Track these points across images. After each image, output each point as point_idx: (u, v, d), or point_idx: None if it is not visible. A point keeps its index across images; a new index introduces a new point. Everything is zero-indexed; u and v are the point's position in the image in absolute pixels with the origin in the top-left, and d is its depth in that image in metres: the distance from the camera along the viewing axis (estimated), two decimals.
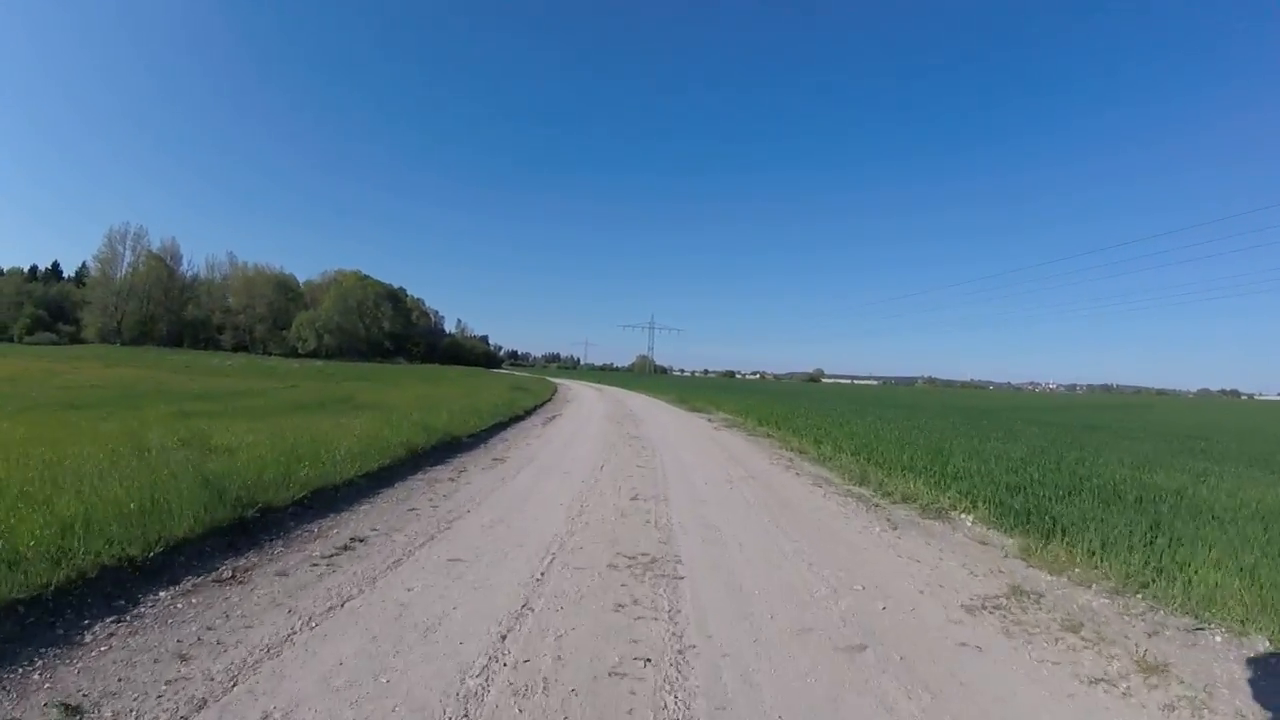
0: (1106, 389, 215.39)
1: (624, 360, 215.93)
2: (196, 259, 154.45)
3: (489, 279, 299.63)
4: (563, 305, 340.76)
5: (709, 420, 22.77)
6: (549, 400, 27.47)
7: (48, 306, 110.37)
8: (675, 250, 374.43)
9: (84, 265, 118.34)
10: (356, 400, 20.91)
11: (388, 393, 26.15)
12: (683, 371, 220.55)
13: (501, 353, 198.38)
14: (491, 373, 73.34)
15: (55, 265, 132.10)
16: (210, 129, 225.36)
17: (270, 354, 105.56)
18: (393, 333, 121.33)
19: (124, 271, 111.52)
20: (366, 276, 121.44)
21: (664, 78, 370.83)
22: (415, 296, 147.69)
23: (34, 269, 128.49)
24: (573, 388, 42.82)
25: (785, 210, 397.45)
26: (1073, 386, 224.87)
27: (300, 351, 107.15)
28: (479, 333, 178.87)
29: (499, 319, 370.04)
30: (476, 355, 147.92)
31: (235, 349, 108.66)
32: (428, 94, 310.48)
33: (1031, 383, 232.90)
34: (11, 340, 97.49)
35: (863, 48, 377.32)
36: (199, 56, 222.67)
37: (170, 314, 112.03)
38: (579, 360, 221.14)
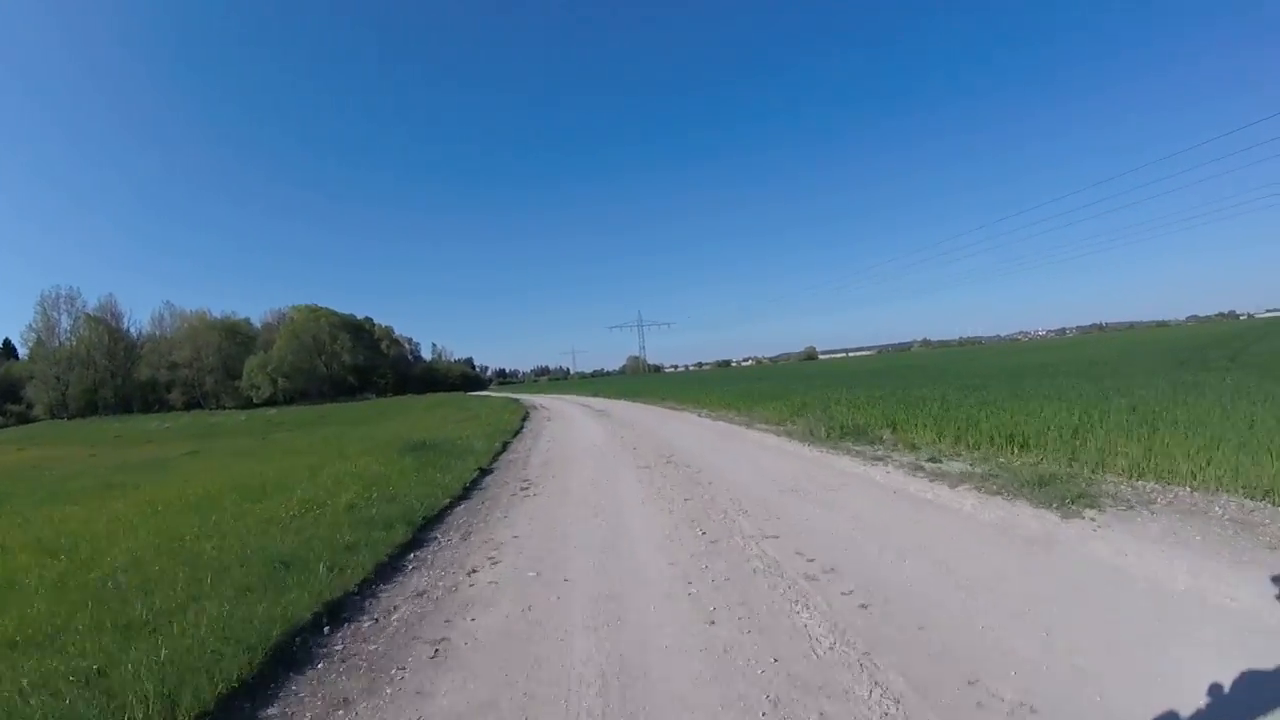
0: (1098, 328, 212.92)
1: (615, 363, 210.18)
2: (139, 316, 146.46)
3: (469, 304, 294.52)
4: (547, 319, 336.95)
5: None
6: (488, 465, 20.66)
7: None
8: (657, 246, 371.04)
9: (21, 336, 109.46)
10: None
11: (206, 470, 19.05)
12: (676, 367, 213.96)
13: (489, 373, 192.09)
14: (456, 399, 65.67)
15: (7, 342, 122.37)
16: (139, 180, 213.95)
17: (224, 407, 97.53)
18: (355, 366, 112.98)
19: (62, 339, 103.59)
20: (318, 308, 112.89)
21: (615, 82, 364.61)
22: (384, 325, 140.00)
23: None
24: (553, 410, 30.30)
25: (764, 192, 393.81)
26: (1062, 330, 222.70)
27: (255, 401, 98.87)
28: (461, 356, 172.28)
29: (485, 341, 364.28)
30: (454, 380, 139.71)
31: (188, 406, 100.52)
32: (361, 128, 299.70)
33: (1021, 332, 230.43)
34: None
35: (821, 22, 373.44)
36: (117, 110, 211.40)
37: (115, 379, 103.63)
38: (569, 370, 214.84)
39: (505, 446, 15.59)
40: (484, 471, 11.94)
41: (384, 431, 24.12)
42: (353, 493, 9.44)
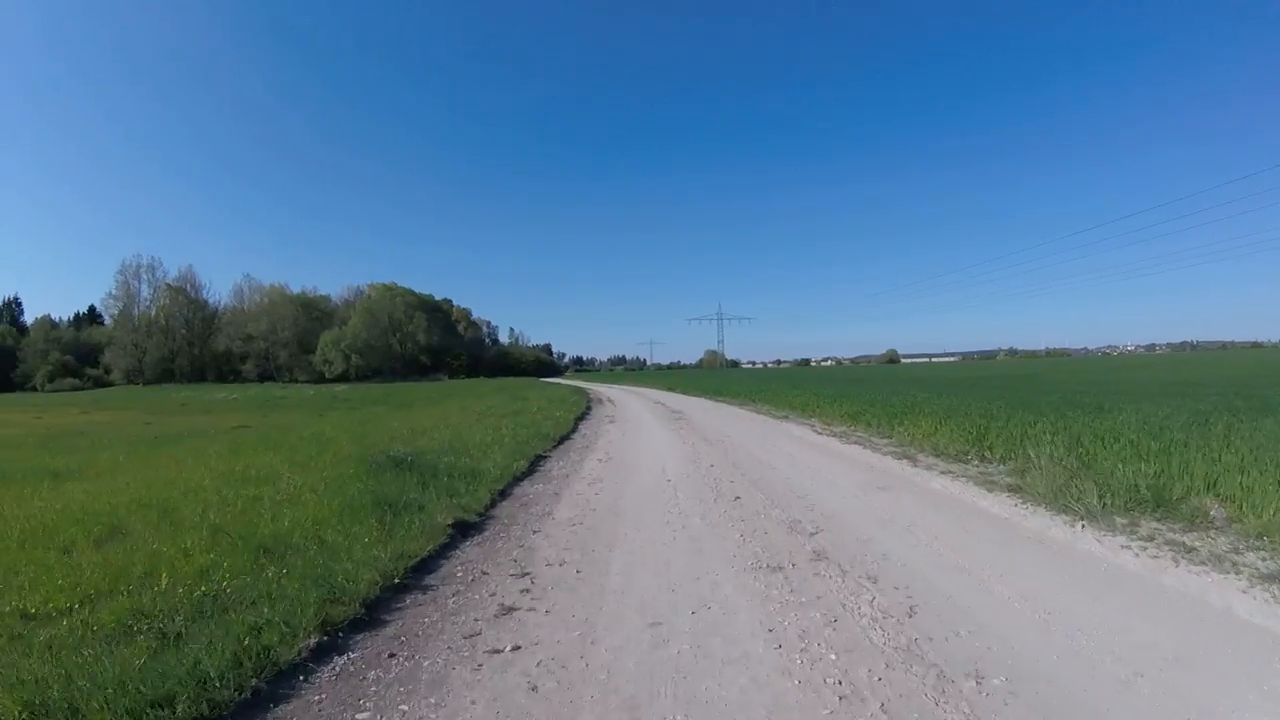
0: (1188, 346, 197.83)
1: (692, 357, 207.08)
2: (220, 288, 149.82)
3: (551, 290, 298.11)
4: (627, 309, 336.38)
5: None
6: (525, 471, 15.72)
7: (76, 352, 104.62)
8: (741, 243, 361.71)
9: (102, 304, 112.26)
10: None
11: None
12: (753, 364, 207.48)
13: (565, 359, 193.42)
14: (520, 385, 61.49)
15: (91, 309, 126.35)
16: (224, 151, 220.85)
17: (297, 380, 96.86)
18: (429, 346, 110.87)
19: (142, 307, 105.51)
20: (395, 287, 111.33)
21: (719, 80, 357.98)
22: (462, 307, 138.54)
23: (77, 315, 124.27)
24: (619, 406, 25.81)
25: (852, 195, 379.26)
26: (1151, 346, 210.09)
27: (327, 376, 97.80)
28: (539, 342, 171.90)
29: (564, 328, 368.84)
30: (527, 364, 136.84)
31: (261, 379, 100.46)
32: (457, 119, 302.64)
33: (1109, 346, 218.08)
34: (35, 389, 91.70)
35: (919, 26, 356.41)
36: (208, 83, 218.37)
37: (192, 348, 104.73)
38: (645, 361, 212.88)
39: (532, 467, 10.36)
40: (464, 532, 6.69)
41: (419, 419, 19.51)
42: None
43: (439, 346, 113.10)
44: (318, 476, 8.94)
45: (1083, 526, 6.05)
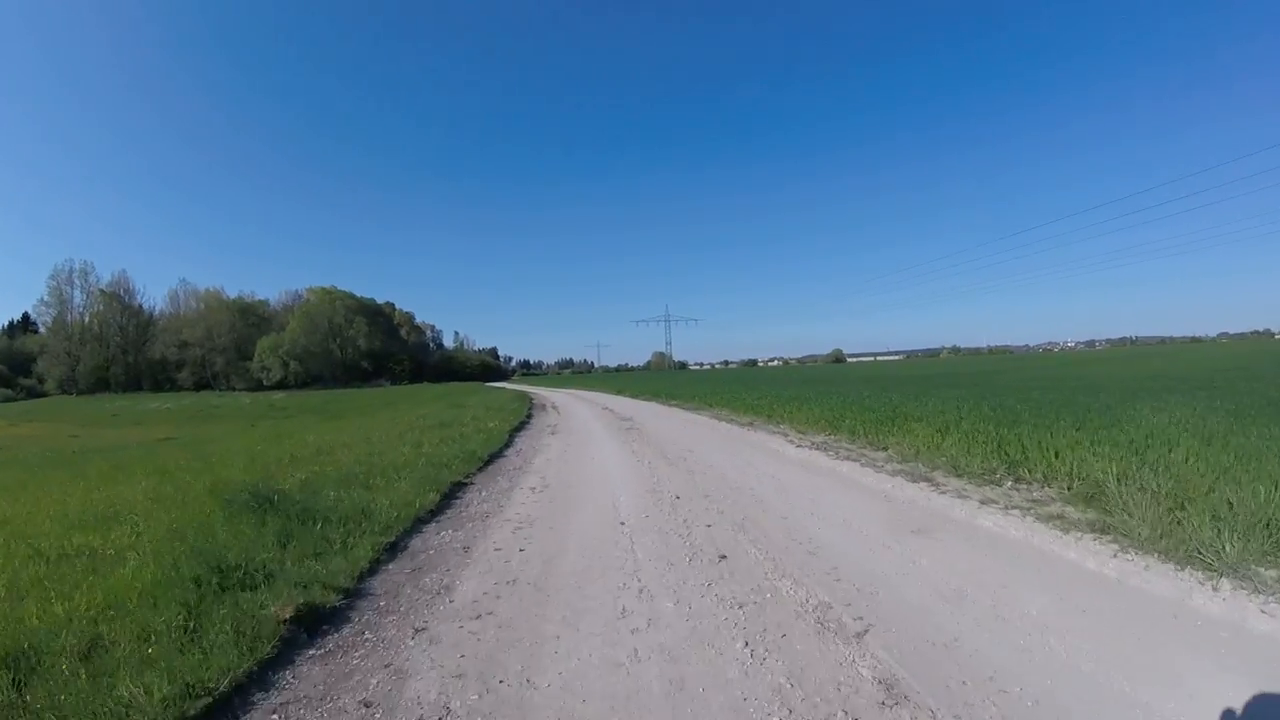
0: (1127, 341, 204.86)
1: (639, 359, 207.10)
2: (155, 294, 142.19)
3: (497, 295, 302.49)
4: (574, 312, 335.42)
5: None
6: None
7: (9, 361, 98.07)
8: (687, 245, 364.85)
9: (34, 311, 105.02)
10: None
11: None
12: (700, 365, 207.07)
13: (512, 363, 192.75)
14: (462, 391, 58.56)
15: (25, 317, 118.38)
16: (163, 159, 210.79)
17: (234, 388, 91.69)
18: (371, 351, 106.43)
19: (75, 314, 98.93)
20: (334, 290, 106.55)
21: (652, 83, 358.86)
22: (405, 311, 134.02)
23: (11, 323, 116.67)
24: (564, 413, 22.56)
25: (794, 196, 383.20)
26: (1091, 342, 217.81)
27: (265, 383, 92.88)
28: (485, 346, 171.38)
29: (512, 333, 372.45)
30: (472, 369, 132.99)
31: (198, 387, 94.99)
32: (390, 118, 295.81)
33: (1049, 343, 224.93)
34: None
35: (854, 39, 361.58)
36: (138, 86, 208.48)
37: (127, 355, 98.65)
38: (592, 364, 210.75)
39: (445, 502, 7.89)
40: (311, 629, 4.27)
41: (340, 432, 16.82)
42: None
43: (381, 352, 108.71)
44: (163, 521, 6.62)
45: (1225, 589, 4.00)
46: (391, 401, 48.03)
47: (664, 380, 58.68)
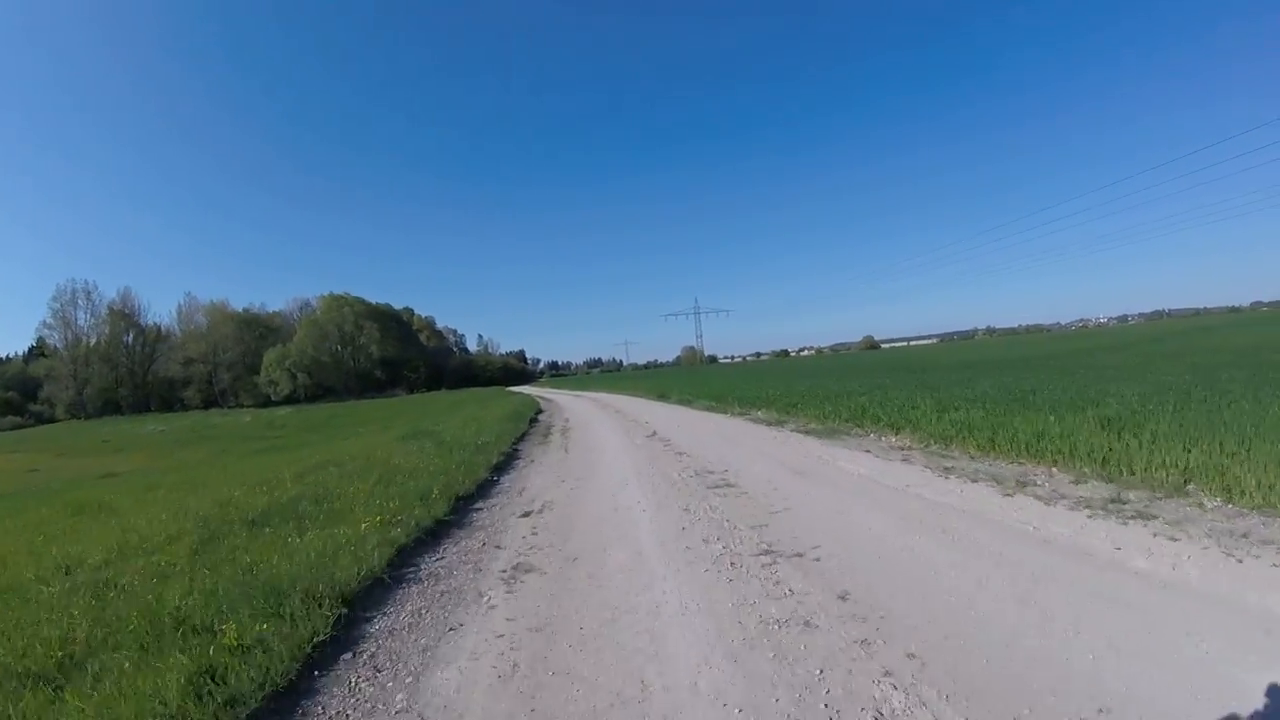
0: (1162, 315, 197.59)
1: (669, 354, 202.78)
2: (160, 309, 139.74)
3: (525, 298, 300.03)
4: (602, 311, 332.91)
5: None
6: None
7: (22, 387, 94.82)
8: (715, 238, 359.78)
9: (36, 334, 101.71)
10: None
11: None
12: (731, 358, 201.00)
13: (540, 365, 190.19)
14: (473, 398, 53.96)
15: (41, 340, 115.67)
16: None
17: (242, 405, 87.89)
18: (385, 359, 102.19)
19: (80, 335, 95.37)
20: (344, 297, 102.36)
21: (692, 79, 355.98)
22: (424, 316, 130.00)
23: (30, 349, 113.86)
24: (573, 424, 18.58)
25: (823, 183, 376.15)
26: (1124, 317, 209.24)
27: (273, 398, 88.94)
28: (512, 349, 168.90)
29: (540, 334, 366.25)
30: (494, 373, 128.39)
31: (205, 405, 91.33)
32: (411, 126, 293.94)
33: (1082, 319, 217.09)
34: None
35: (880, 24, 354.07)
36: (149, 95, 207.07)
37: (134, 376, 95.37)
38: (621, 362, 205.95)
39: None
40: None
41: (294, 465, 11.87)
42: None
43: (395, 359, 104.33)
44: None
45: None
46: (395, 415, 43.59)
47: (696, 377, 52.52)
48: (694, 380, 40.73)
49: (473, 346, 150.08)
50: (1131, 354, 26.90)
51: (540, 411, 24.50)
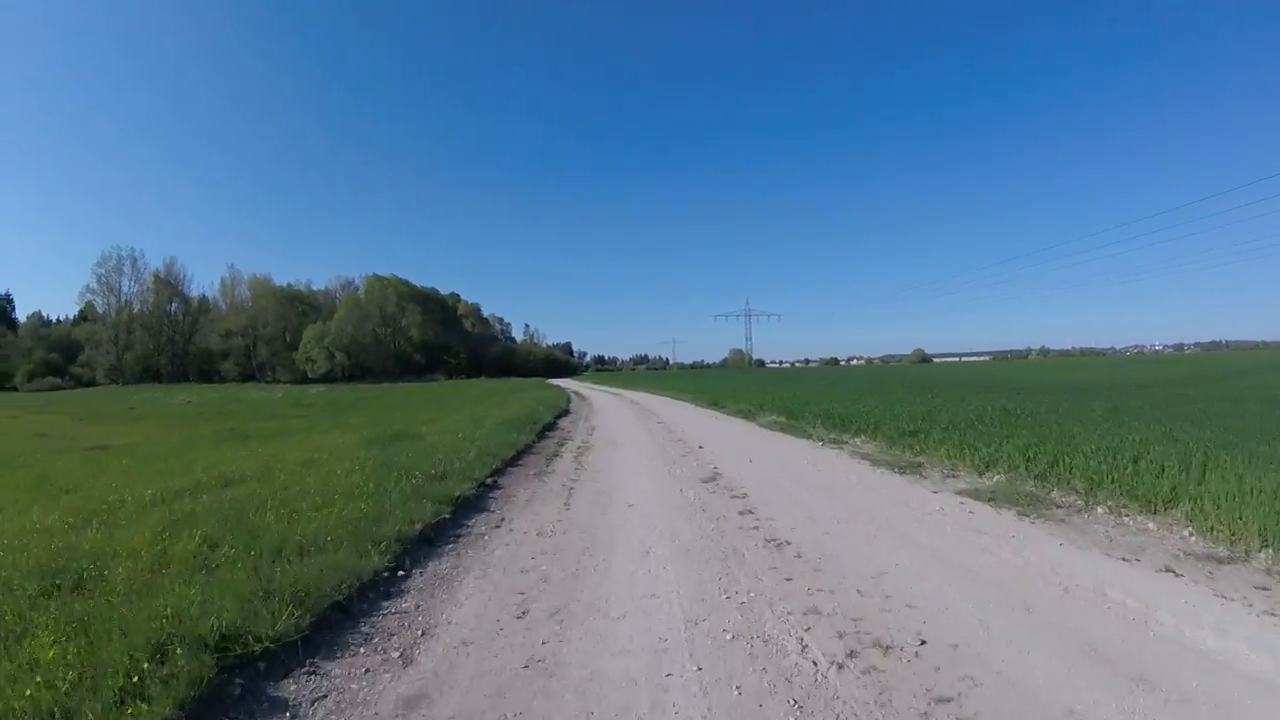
0: (1219, 345, 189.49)
1: (716, 355, 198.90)
2: (202, 281, 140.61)
3: (576, 290, 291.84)
4: (652, 307, 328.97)
5: None
6: None
7: (66, 349, 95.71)
8: (770, 242, 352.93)
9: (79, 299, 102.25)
10: None
11: None
12: (779, 363, 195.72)
13: (587, 359, 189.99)
14: (503, 389, 51.05)
15: (89, 306, 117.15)
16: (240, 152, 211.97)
17: (279, 380, 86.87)
18: (425, 343, 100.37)
19: (123, 302, 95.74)
20: (388, 278, 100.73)
21: (748, 79, 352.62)
22: (470, 302, 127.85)
23: (79, 313, 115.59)
24: (598, 430, 16.17)
25: (879, 193, 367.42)
26: (1180, 345, 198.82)
27: (310, 375, 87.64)
28: (558, 341, 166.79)
29: (588, 327, 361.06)
30: (535, 363, 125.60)
31: (244, 378, 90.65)
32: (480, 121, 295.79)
33: (1137, 345, 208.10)
34: (15, 389, 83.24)
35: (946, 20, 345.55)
36: (206, 73, 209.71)
37: (175, 345, 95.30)
38: (668, 360, 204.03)
39: None
40: None
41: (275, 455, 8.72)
42: None
43: (436, 343, 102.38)
44: None
45: None
46: (426, 401, 40.85)
47: (745, 380, 48.74)
48: (748, 385, 36.60)
49: (519, 336, 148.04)
50: (1227, 387, 22.60)
51: (564, 414, 21.04)
